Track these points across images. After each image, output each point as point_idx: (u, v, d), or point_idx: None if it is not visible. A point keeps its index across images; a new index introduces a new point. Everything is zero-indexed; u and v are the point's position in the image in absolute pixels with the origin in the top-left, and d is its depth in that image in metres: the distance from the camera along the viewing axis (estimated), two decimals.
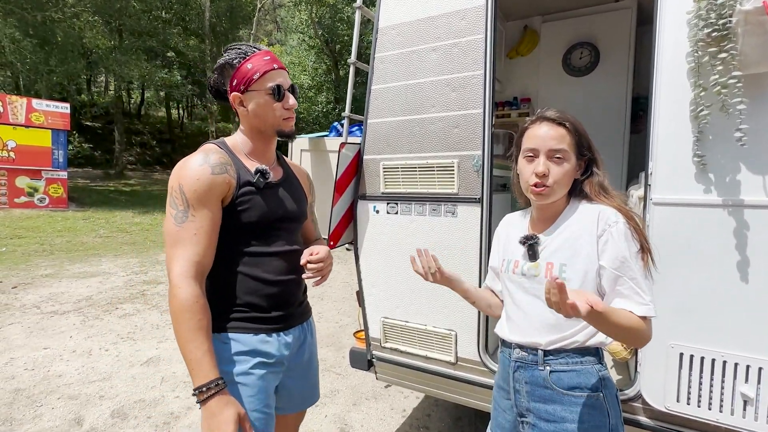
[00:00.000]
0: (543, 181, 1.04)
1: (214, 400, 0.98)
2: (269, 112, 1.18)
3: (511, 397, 1.13)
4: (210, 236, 1.09)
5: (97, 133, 20.91)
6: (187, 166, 1.10)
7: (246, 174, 1.17)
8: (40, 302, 4.74)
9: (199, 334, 1.00)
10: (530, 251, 1.09)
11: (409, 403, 2.86)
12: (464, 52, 1.76)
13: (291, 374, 1.30)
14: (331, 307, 4.91)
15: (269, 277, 1.20)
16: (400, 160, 1.93)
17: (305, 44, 19.74)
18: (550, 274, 1.05)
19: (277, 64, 1.18)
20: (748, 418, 1.31)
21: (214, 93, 1.25)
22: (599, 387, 1.03)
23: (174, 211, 1.07)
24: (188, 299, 1.01)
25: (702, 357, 1.36)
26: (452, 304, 1.86)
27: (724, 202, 1.32)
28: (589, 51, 3.02)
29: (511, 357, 1.13)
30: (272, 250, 1.21)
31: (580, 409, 1.01)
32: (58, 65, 14.49)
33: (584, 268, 1.02)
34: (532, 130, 1.08)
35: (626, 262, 0.98)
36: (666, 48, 1.39)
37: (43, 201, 11.46)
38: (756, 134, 1.27)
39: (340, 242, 2.07)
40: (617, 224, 1.00)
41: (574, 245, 1.04)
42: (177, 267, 1.03)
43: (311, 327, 1.40)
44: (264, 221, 1.18)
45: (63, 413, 2.63)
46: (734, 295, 1.31)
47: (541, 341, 1.06)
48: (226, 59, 1.18)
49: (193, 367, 0.99)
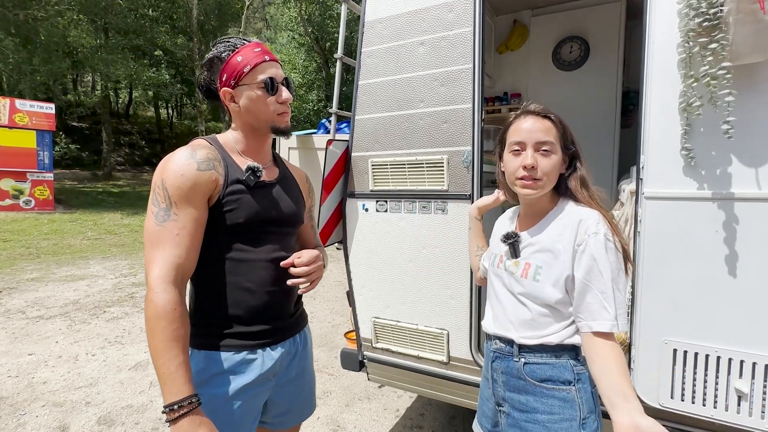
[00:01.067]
0: (531, 174, 1.04)
1: (186, 420, 0.89)
2: (262, 107, 1.10)
3: (490, 386, 1.18)
4: (193, 237, 1.01)
5: (85, 133, 20.59)
6: (171, 160, 1.02)
7: (236, 171, 1.09)
8: (25, 307, 4.63)
9: (174, 345, 0.92)
10: (511, 249, 1.12)
11: (402, 403, 2.83)
12: (453, 45, 1.72)
13: (280, 390, 1.20)
14: (324, 307, 4.87)
15: (255, 287, 1.10)
16: (388, 157, 1.89)
17: (295, 42, 19.61)
18: (526, 274, 1.07)
19: (268, 55, 1.11)
20: (743, 414, 1.30)
21: (204, 92, 1.16)
22: (572, 381, 1.04)
23: (155, 208, 0.99)
24: (165, 306, 0.92)
25: (696, 353, 1.35)
26: (444, 303, 1.83)
27: (714, 196, 1.30)
28: (578, 45, 3.00)
29: (491, 348, 1.17)
30: (260, 257, 1.11)
31: (551, 401, 1.04)
32: (42, 65, 14.21)
33: (557, 274, 1.02)
34: (518, 124, 1.08)
35: (598, 275, 0.98)
36: (657, 40, 1.36)
37: (28, 203, 11.24)
38: (746, 126, 1.25)
39: (329, 241, 2.03)
40: (596, 235, 0.99)
41: (553, 249, 1.04)
42: (155, 269, 0.95)
43: (305, 338, 1.28)
44: (252, 223, 1.09)
45: (47, 421, 2.56)
46: (727, 289, 1.29)
47: (515, 336, 1.09)
48: (214, 53, 1.10)
49: (165, 381, 0.90)
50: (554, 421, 1.02)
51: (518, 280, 1.09)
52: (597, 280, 0.98)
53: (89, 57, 15.99)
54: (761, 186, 1.24)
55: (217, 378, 1.05)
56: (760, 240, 1.25)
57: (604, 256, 0.98)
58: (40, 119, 11.37)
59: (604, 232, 0.99)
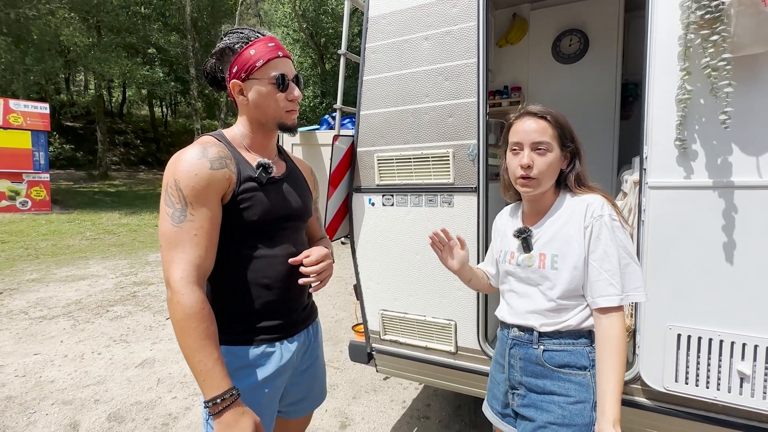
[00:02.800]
0: (527, 172, 1.10)
1: (229, 412, 0.92)
2: (271, 103, 1.10)
3: (505, 371, 1.22)
4: (211, 237, 1.01)
5: (79, 133, 20.45)
6: (182, 159, 1.00)
7: (247, 169, 1.09)
8: (27, 308, 4.64)
9: (208, 343, 0.93)
10: (524, 243, 1.17)
11: (408, 394, 2.87)
12: (457, 40, 1.74)
13: (295, 380, 1.24)
14: (326, 302, 4.90)
15: (272, 282, 1.11)
16: (394, 152, 1.91)
17: (290, 38, 19.47)
18: (543, 265, 1.12)
19: (282, 51, 1.10)
20: (745, 395, 1.34)
21: (210, 80, 1.15)
22: (588, 367, 1.11)
23: (170, 209, 0.98)
24: (193, 306, 0.93)
25: (699, 337, 1.38)
26: (451, 294, 1.87)
27: (716, 184, 1.33)
28: (578, 38, 3.02)
29: (509, 335, 1.22)
30: (275, 253, 1.12)
31: (567, 384, 1.10)
32: (35, 64, 14.08)
33: (574, 259, 1.09)
34: (517, 125, 1.15)
35: (604, 256, 1.05)
36: (660, 31, 1.39)
37: (25, 204, 11.18)
38: (747, 116, 1.29)
39: (335, 236, 2.05)
40: (602, 217, 1.06)
41: (565, 237, 1.11)
42: (177, 271, 0.95)
43: (316, 329, 1.33)
44: (267, 220, 1.10)
45: (58, 419, 2.58)
46: (729, 275, 1.33)
47: (536, 324, 1.14)
48: (227, 43, 1.09)
49: (204, 377, 0.92)
50: (569, 402, 1.09)
51: (536, 271, 1.14)
52: (604, 260, 1.05)
53: (82, 56, 15.86)
54: (762, 174, 1.28)
55: (239, 372, 1.07)
56: (761, 227, 1.28)
57: (610, 237, 1.05)
58: (35, 119, 11.29)
59: (608, 213, 1.07)
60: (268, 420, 1.14)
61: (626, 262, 1.05)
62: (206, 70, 1.15)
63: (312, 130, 2.56)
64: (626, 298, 1.04)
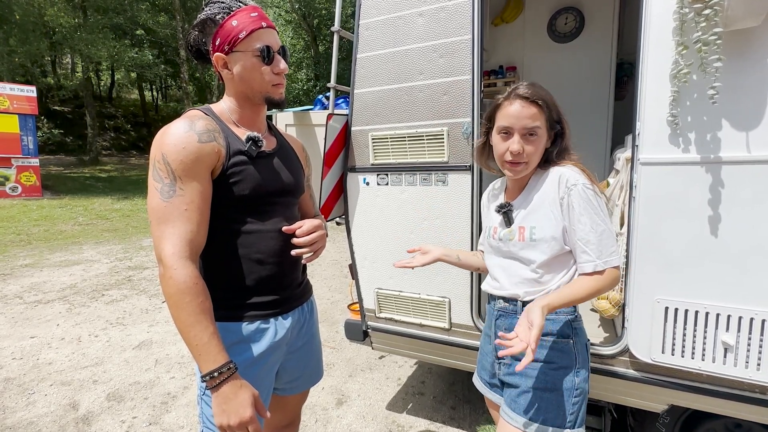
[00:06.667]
0: (517, 159, 1.11)
1: (227, 385, 0.92)
2: (257, 76, 1.06)
3: (492, 342, 1.26)
4: (202, 211, 0.98)
5: (67, 117, 20.05)
6: (169, 133, 0.97)
7: (236, 142, 1.06)
8: (21, 292, 4.63)
9: (203, 317, 0.92)
10: (505, 218, 1.21)
11: (403, 372, 2.93)
12: (451, 15, 1.72)
13: (291, 357, 1.25)
14: (322, 285, 4.94)
15: (264, 258, 1.10)
16: (389, 130, 1.90)
17: (282, 19, 19.06)
18: (522, 237, 1.15)
19: (265, 22, 1.06)
20: (728, 365, 1.39)
21: (194, 53, 1.12)
22: (570, 334, 1.15)
23: (159, 184, 0.95)
24: (187, 281, 0.91)
25: (686, 310, 1.42)
26: (445, 272, 1.89)
27: (704, 159, 1.35)
28: (574, 16, 2.99)
29: (495, 307, 1.26)
30: (267, 228, 1.10)
31: (550, 352, 1.14)
32: (19, 45, 13.70)
33: (551, 230, 1.11)
34: (507, 108, 1.13)
35: (578, 224, 1.08)
36: (655, 5, 1.38)
37: (15, 190, 11.03)
38: (737, 91, 1.29)
39: (330, 216, 2.05)
40: (575, 186, 1.08)
41: (541, 208, 1.14)
42: (169, 246, 0.92)
43: (311, 306, 1.33)
44: (258, 194, 1.07)
45: (57, 399, 2.61)
46: (715, 248, 1.36)
47: (519, 293, 1.17)
48: (207, 14, 1.04)
49: (200, 352, 0.90)
50: (552, 368, 1.13)
51: (516, 244, 1.17)
52: (579, 229, 1.08)
53: (68, 37, 15.39)
54: (750, 149, 1.29)
55: (234, 347, 1.07)
56: (748, 201, 1.31)
57: (583, 206, 1.07)
58: (22, 103, 11.04)
59: (582, 182, 1.09)
60: (264, 395, 1.15)
61: (601, 229, 1.07)
62: (189, 43, 1.12)
63: (306, 111, 2.53)
64: (601, 264, 1.06)
